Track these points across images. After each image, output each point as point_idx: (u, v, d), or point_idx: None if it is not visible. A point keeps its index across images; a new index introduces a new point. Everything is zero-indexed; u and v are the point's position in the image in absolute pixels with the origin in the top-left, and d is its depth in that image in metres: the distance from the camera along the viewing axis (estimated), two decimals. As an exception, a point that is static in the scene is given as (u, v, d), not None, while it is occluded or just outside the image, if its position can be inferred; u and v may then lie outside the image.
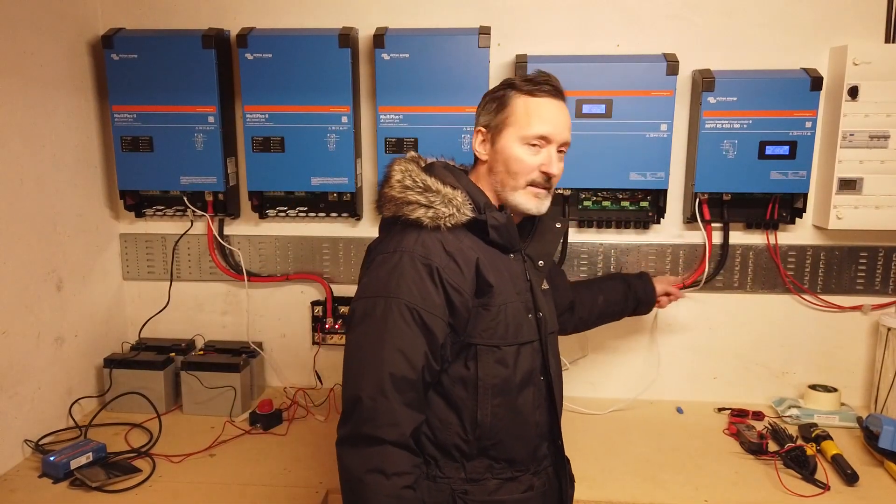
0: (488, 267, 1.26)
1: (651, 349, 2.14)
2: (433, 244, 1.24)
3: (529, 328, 1.32)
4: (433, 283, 1.21)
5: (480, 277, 1.26)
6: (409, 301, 1.19)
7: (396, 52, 1.92)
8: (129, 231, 2.21)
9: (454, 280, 1.22)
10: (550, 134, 1.29)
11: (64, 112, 1.95)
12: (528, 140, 1.29)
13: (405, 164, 1.33)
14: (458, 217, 1.26)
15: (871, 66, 1.86)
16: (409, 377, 1.18)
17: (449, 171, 1.33)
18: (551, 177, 1.31)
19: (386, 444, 1.16)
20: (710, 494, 1.62)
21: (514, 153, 1.29)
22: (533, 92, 1.30)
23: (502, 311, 1.27)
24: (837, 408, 1.97)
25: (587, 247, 2.10)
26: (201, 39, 1.96)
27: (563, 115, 1.32)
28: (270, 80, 1.95)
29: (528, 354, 1.31)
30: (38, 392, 1.85)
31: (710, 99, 1.90)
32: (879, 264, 2.04)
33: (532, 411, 1.32)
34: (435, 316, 1.20)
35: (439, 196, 1.26)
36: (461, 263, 1.24)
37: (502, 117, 1.31)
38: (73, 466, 1.66)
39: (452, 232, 1.26)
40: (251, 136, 1.99)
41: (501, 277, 1.29)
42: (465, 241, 1.27)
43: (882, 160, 1.90)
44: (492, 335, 1.27)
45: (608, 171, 1.95)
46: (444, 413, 1.28)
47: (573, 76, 1.91)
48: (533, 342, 1.32)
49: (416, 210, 1.25)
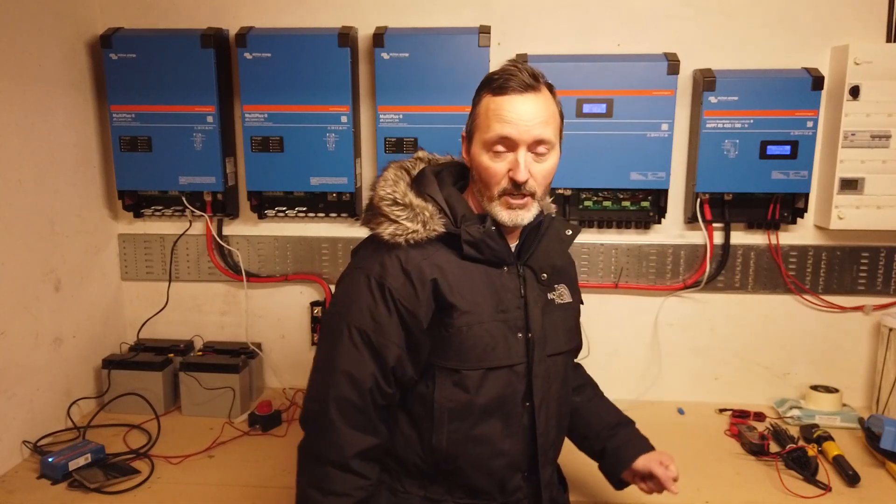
0: (452, 286, 1.19)
1: (652, 350, 2.13)
2: (391, 263, 1.18)
3: (512, 350, 1.23)
4: (385, 305, 1.17)
5: (439, 298, 1.18)
6: (359, 324, 1.17)
7: (396, 52, 1.91)
8: (127, 231, 2.20)
9: (407, 302, 1.17)
10: (512, 135, 1.16)
11: (62, 112, 1.95)
12: (489, 145, 1.18)
13: (395, 170, 1.27)
14: (422, 234, 1.18)
15: (873, 66, 1.86)
16: (354, 401, 1.17)
17: (435, 180, 1.25)
18: (521, 183, 1.17)
19: (327, 465, 1.17)
20: (712, 495, 1.61)
21: (481, 161, 1.19)
22: (496, 90, 1.18)
23: (465, 332, 1.19)
24: (839, 408, 1.97)
25: (588, 247, 2.09)
26: (200, 39, 1.96)
27: (532, 110, 1.16)
28: (269, 80, 1.95)
29: (500, 379, 1.22)
30: (37, 393, 1.84)
31: (711, 98, 1.90)
32: (881, 264, 2.03)
33: (500, 440, 1.24)
34: (385, 339, 1.17)
35: (407, 210, 1.19)
36: (417, 284, 1.17)
37: (472, 122, 1.23)
38: (71, 468, 1.66)
39: (421, 247, 1.19)
40: (250, 136, 1.98)
41: (475, 296, 1.20)
42: (437, 258, 1.20)
43: (883, 160, 1.90)
44: (450, 357, 1.20)
45: (609, 171, 1.95)
46: (408, 430, 1.25)
47: (573, 76, 1.91)
48: (515, 365, 1.23)
49: (381, 224, 1.20)
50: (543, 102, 1.18)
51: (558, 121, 1.23)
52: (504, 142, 1.17)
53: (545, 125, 1.17)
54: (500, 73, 1.19)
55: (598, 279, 2.10)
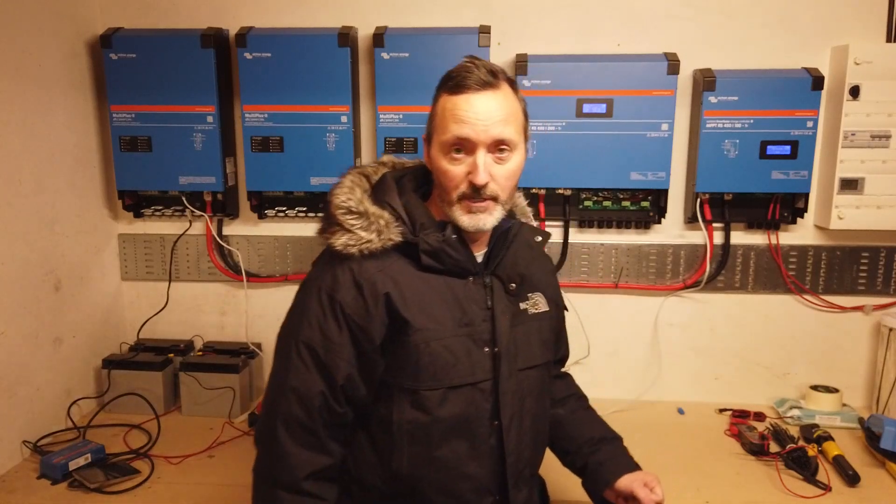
0: (408, 300, 1.12)
1: (652, 350, 2.13)
2: (343, 275, 1.13)
3: (477, 366, 1.16)
4: (336, 320, 1.12)
5: (393, 313, 1.12)
6: (307, 339, 1.13)
7: (396, 52, 1.91)
8: (127, 231, 2.20)
9: (358, 317, 1.11)
10: (470, 136, 1.09)
11: (62, 112, 1.95)
12: (447, 147, 1.11)
13: (353, 176, 1.20)
14: (376, 243, 1.12)
15: (873, 66, 1.86)
16: (302, 420, 1.12)
17: (395, 185, 1.19)
18: (480, 187, 1.10)
19: (278, 487, 1.13)
20: (712, 495, 1.61)
21: (439, 164, 1.13)
22: (452, 88, 1.12)
23: (422, 350, 1.13)
24: (839, 408, 1.97)
25: (588, 247, 2.09)
26: (200, 39, 1.96)
27: (490, 109, 1.09)
28: (269, 80, 1.95)
29: (463, 398, 1.15)
30: (37, 393, 1.84)
31: (711, 98, 1.90)
32: (881, 264, 2.03)
33: (465, 462, 1.17)
34: (335, 355, 1.12)
35: (362, 219, 1.13)
36: (369, 298, 1.11)
37: (430, 123, 1.17)
38: (71, 468, 1.66)
39: (378, 258, 1.13)
40: (250, 136, 1.98)
41: (434, 309, 1.14)
42: (393, 269, 1.14)
43: (883, 160, 1.90)
44: (406, 376, 1.14)
45: (609, 171, 1.95)
46: (368, 452, 1.20)
47: (573, 76, 1.91)
48: (479, 382, 1.16)
49: (335, 234, 1.14)
50: (503, 100, 1.12)
51: (521, 119, 1.16)
52: (462, 143, 1.10)
53: (505, 124, 1.11)
54: (456, 71, 1.13)
55: (598, 279, 2.10)
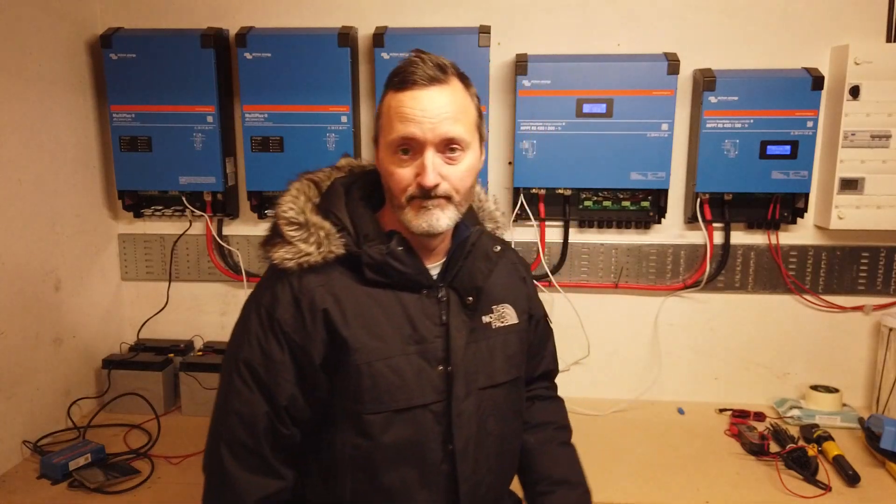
0: (349, 317, 1.06)
1: (652, 350, 2.13)
2: (283, 292, 1.07)
3: (427, 387, 1.08)
4: (276, 339, 1.06)
5: (332, 331, 1.05)
6: (248, 359, 1.07)
7: (396, 52, 1.91)
8: (127, 231, 2.20)
9: (297, 335, 1.06)
10: (416, 134, 1.01)
11: (62, 112, 1.95)
12: (393, 148, 1.04)
13: (300, 183, 1.13)
14: (315, 257, 1.06)
15: (873, 66, 1.86)
16: (247, 443, 1.06)
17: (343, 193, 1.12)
18: (429, 189, 1.02)
19: None
20: (712, 495, 1.61)
21: (386, 166, 1.06)
22: (398, 85, 1.04)
23: (364, 371, 1.05)
24: (839, 408, 1.97)
25: (588, 247, 2.09)
26: (200, 39, 1.96)
27: (438, 105, 1.02)
28: (269, 80, 1.95)
29: (411, 422, 1.07)
30: (37, 393, 1.84)
31: (711, 98, 1.90)
32: (881, 264, 2.03)
33: (415, 490, 1.09)
34: (276, 376, 1.06)
35: (302, 231, 1.06)
36: (307, 315, 1.05)
37: (376, 124, 1.09)
38: (71, 468, 1.66)
39: (321, 272, 1.07)
40: (250, 136, 1.98)
41: (379, 327, 1.07)
42: (336, 284, 1.07)
43: (883, 160, 1.90)
44: (348, 398, 1.07)
45: (609, 171, 1.95)
46: (316, 478, 1.14)
47: (573, 76, 1.90)
48: (432, 405, 1.08)
49: (275, 247, 1.07)
50: (451, 96, 1.03)
51: (474, 116, 1.08)
52: (408, 143, 1.03)
53: (454, 122, 1.03)
54: (402, 66, 1.04)
55: (598, 279, 2.10)
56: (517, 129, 1.93)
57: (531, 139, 1.94)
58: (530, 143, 1.94)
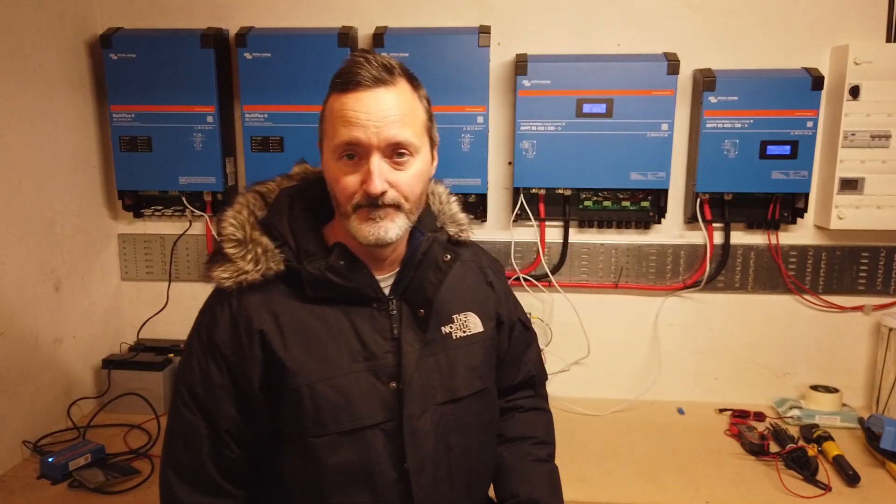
0: (288, 337, 1.02)
1: (652, 350, 2.13)
2: (222, 313, 1.04)
3: (376, 406, 1.03)
4: (215, 362, 1.03)
5: (268, 352, 1.02)
6: (189, 382, 1.05)
7: (396, 52, 1.91)
8: (127, 231, 2.20)
9: (236, 357, 1.02)
10: (361, 139, 0.97)
11: (62, 112, 1.95)
12: (338, 153, 1.00)
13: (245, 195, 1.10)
14: (253, 275, 1.02)
15: (873, 66, 1.86)
16: (192, 466, 1.05)
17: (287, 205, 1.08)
18: (375, 196, 0.97)
19: None
20: (711, 495, 1.61)
21: (331, 173, 1.02)
22: (341, 87, 1.00)
23: (305, 393, 1.01)
24: (839, 408, 1.97)
25: (588, 247, 2.09)
26: (200, 39, 1.96)
27: (384, 107, 0.97)
28: (269, 80, 1.95)
29: (359, 443, 1.03)
30: (37, 393, 1.84)
31: (711, 98, 1.90)
32: (881, 264, 2.03)
33: None
34: (217, 399, 1.03)
35: (241, 247, 1.03)
36: (244, 336, 1.02)
37: (320, 128, 1.06)
38: (71, 468, 1.65)
39: (262, 290, 1.03)
40: (250, 136, 1.98)
41: (322, 347, 1.03)
42: (277, 302, 1.03)
43: (883, 160, 1.90)
44: (291, 422, 1.03)
45: (609, 171, 1.95)
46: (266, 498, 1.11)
47: (573, 76, 1.90)
48: (383, 423, 1.03)
49: (214, 265, 1.04)
50: (398, 98, 0.99)
51: (423, 119, 1.04)
52: (353, 148, 0.98)
53: (401, 125, 0.98)
54: (345, 67, 1.00)
55: (598, 279, 2.10)
56: (517, 129, 1.93)
57: (531, 139, 1.94)
58: (530, 143, 1.94)
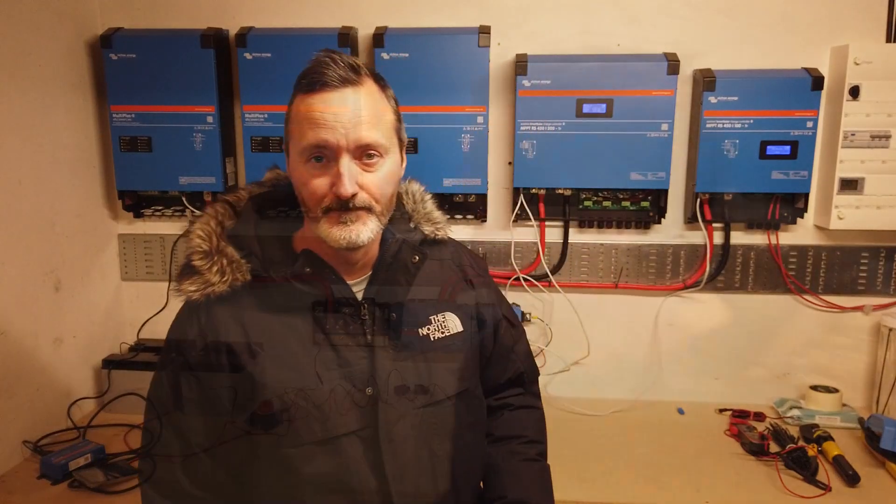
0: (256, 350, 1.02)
1: (652, 350, 2.13)
2: (191, 326, 1.03)
3: (352, 413, 1.01)
4: (184, 376, 1.03)
5: (237, 366, 1.01)
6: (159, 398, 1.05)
7: (396, 52, 1.91)
8: (127, 231, 2.20)
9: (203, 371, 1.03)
10: (329, 140, 0.95)
11: (62, 112, 1.95)
12: (305, 156, 0.98)
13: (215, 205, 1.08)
14: (219, 287, 1.00)
15: (873, 66, 1.86)
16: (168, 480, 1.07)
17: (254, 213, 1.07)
18: (346, 199, 0.96)
19: None
20: (711, 495, 1.61)
21: (298, 176, 1.00)
22: (306, 87, 0.97)
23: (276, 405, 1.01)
24: (839, 408, 1.97)
25: (588, 247, 2.09)
26: (200, 39, 1.96)
27: (351, 108, 0.96)
28: (270, 80, 1.95)
29: (334, 452, 1.01)
30: (37, 393, 1.84)
31: (711, 98, 1.90)
32: (881, 264, 2.03)
33: None
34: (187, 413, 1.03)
35: (206, 260, 1.01)
36: (212, 350, 1.02)
37: (285, 130, 1.03)
38: (71, 468, 1.66)
39: (230, 302, 1.02)
40: (250, 136, 1.98)
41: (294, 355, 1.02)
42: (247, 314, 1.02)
43: (883, 160, 1.90)
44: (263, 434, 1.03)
45: (609, 171, 1.95)
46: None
47: (573, 76, 1.90)
48: (360, 430, 1.02)
49: (185, 279, 1.02)
50: (366, 98, 0.98)
51: (391, 119, 1.04)
52: (321, 150, 0.97)
53: (370, 126, 0.97)
54: (311, 67, 0.98)
55: (598, 279, 2.10)
56: (517, 129, 1.93)
57: (531, 139, 1.94)
58: (530, 143, 1.94)
